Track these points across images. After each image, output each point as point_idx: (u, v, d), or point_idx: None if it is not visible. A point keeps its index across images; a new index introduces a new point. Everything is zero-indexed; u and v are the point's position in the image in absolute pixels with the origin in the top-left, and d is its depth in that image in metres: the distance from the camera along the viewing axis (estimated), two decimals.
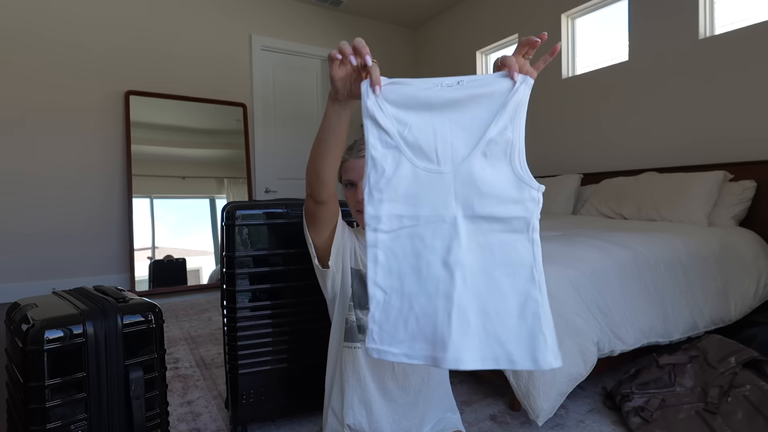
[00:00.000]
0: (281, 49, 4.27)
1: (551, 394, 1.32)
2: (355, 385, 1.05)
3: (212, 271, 3.73)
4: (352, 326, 1.06)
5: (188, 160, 3.71)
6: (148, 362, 1.05)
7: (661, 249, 1.80)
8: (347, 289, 1.07)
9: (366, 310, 1.03)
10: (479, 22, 4.24)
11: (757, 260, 2.11)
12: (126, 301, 1.04)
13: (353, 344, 1.06)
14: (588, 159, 3.32)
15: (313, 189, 0.94)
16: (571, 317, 1.41)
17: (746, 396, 1.31)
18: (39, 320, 0.93)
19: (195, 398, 1.65)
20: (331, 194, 0.96)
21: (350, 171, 1.08)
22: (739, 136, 2.50)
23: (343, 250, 1.07)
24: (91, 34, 3.40)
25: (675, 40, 2.77)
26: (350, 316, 1.07)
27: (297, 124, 4.42)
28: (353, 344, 1.06)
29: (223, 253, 1.34)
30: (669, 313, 1.70)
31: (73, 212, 3.35)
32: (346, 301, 1.07)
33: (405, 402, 1.07)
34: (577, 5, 3.33)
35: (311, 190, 0.94)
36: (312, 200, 0.96)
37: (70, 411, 0.94)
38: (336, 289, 1.08)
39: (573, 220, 2.59)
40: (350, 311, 1.07)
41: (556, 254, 1.56)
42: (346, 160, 1.10)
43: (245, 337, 1.33)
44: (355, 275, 1.08)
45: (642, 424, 1.35)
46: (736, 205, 2.31)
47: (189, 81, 3.79)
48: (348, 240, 1.09)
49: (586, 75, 3.31)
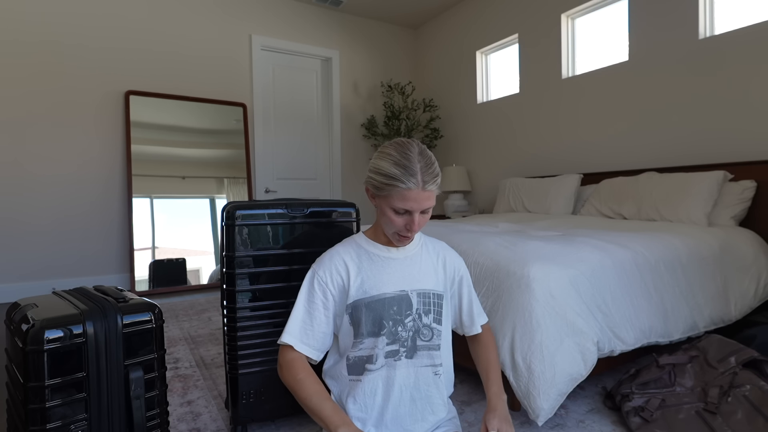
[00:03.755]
0: (281, 49, 4.27)
1: (551, 394, 1.32)
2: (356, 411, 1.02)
3: (212, 271, 3.73)
4: (355, 360, 1.02)
5: (188, 160, 3.71)
6: (148, 362, 1.05)
7: (661, 249, 1.80)
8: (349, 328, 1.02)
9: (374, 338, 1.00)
10: (479, 22, 4.25)
11: (757, 260, 2.11)
12: (126, 301, 1.04)
13: (354, 377, 1.02)
14: (588, 159, 3.32)
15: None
16: (571, 317, 1.41)
17: (746, 396, 1.31)
18: (39, 320, 0.93)
19: (195, 398, 1.65)
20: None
21: (411, 202, 0.94)
22: (739, 136, 2.50)
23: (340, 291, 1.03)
24: (91, 34, 3.40)
25: (675, 40, 2.77)
26: (353, 352, 1.02)
27: (297, 124, 4.42)
28: (354, 377, 1.02)
29: (223, 253, 1.34)
30: (669, 313, 1.70)
31: (73, 212, 3.35)
32: (351, 340, 1.02)
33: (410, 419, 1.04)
34: (577, 5, 3.33)
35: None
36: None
37: (70, 411, 0.94)
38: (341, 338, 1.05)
39: (573, 220, 2.59)
40: (354, 348, 1.02)
41: (556, 254, 1.56)
42: (409, 188, 0.93)
43: (245, 337, 1.33)
44: (356, 308, 1.02)
45: (642, 424, 1.35)
46: (736, 205, 2.31)
47: (189, 81, 3.79)
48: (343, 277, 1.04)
49: (586, 75, 3.31)
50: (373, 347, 1.01)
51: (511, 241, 1.71)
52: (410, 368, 1.02)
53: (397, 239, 1.03)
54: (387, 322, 1.01)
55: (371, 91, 4.81)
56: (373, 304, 1.01)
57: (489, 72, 4.32)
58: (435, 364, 1.04)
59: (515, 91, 3.93)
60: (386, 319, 1.01)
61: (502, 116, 4.05)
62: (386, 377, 1.01)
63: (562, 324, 1.39)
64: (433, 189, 0.96)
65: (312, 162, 4.52)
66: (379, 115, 4.81)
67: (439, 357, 1.05)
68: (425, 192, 0.94)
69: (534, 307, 1.38)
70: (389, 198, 0.96)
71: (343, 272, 1.04)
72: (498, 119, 4.09)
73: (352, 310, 1.01)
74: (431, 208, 1.00)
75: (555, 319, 1.38)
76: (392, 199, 0.95)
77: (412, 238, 1.02)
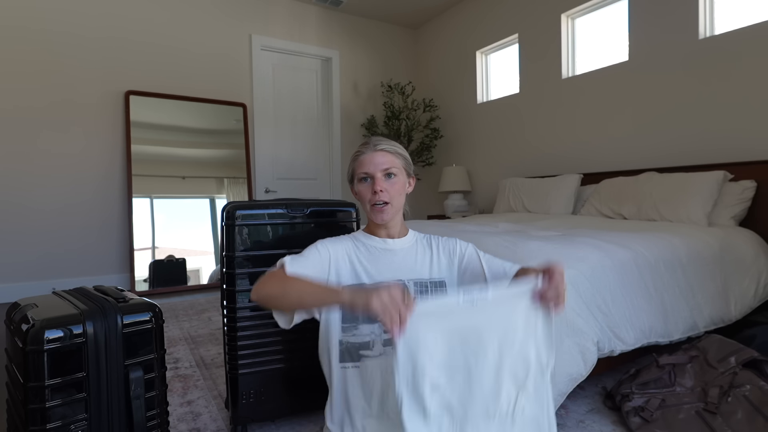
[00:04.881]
0: (281, 49, 4.27)
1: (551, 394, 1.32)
2: (353, 402, 1.02)
3: (212, 271, 3.73)
4: (348, 347, 1.03)
5: (188, 160, 3.71)
6: (148, 362, 1.05)
7: (661, 249, 1.80)
8: (338, 313, 1.03)
9: (370, 324, 1.01)
10: (479, 22, 4.24)
11: (757, 260, 2.11)
12: (126, 301, 1.04)
13: (351, 364, 1.03)
14: (588, 159, 3.32)
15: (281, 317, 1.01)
16: (571, 317, 1.41)
17: (746, 396, 1.31)
18: (39, 320, 0.93)
19: (195, 398, 1.65)
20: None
21: (367, 164, 1.08)
22: (739, 136, 2.50)
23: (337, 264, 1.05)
24: (91, 34, 3.40)
25: (675, 40, 2.77)
26: (345, 337, 1.03)
27: (297, 124, 4.42)
28: (351, 364, 1.03)
29: (223, 253, 1.34)
30: (669, 313, 1.70)
31: (73, 212, 3.35)
32: (338, 324, 1.03)
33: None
34: (577, 5, 3.33)
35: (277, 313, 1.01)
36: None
37: (70, 411, 0.94)
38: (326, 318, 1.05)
39: (573, 220, 2.59)
40: (345, 332, 1.03)
41: (556, 254, 1.56)
42: (363, 153, 1.09)
43: (245, 337, 1.33)
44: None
45: (642, 424, 1.35)
46: (736, 205, 2.31)
47: (189, 81, 3.79)
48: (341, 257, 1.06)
49: (586, 75, 3.31)
50: (370, 333, 1.02)
51: (511, 241, 1.71)
52: None
53: (375, 215, 1.09)
54: None
55: (371, 91, 4.81)
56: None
57: (489, 72, 4.32)
58: None
59: (515, 91, 3.93)
60: None
61: (502, 116, 4.05)
62: (385, 366, 1.01)
63: (562, 324, 1.39)
64: (385, 148, 1.07)
65: (312, 162, 4.52)
66: (379, 115, 4.80)
67: None
68: (377, 152, 1.07)
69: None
70: (355, 174, 1.10)
71: (343, 253, 1.08)
72: (498, 119, 4.09)
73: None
74: (396, 175, 1.07)
75: (555, 319, 1.38)
76: (356, 173, 1.10)
77: (388, 210, 1.07)
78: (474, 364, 0.83)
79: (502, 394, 0.85)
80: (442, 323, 0.82)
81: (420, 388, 0.80)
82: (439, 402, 0.82)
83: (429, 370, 0.80)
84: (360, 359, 1.02)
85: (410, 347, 0.79)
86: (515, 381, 0.87)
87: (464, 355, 0.83)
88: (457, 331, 0.82)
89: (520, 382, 0.87)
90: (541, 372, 0.89)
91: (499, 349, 0.84)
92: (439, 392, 0.82)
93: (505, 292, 0.88)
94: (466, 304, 0.82)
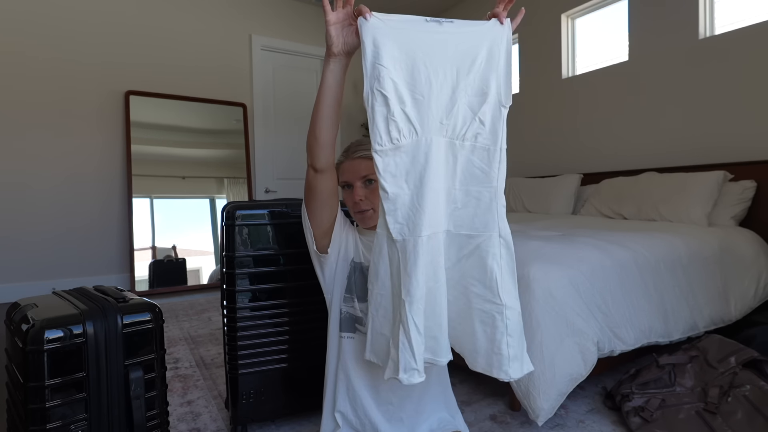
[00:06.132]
0: (281, 49, 4.27)
1: (551, 394, 1.32)
2: (346, 373, 1.08)
3: (212, 271, 3.73)
4: (347, 317, 1.09)
5: (188, 160, 3.71)
6: (148, 362, 1.05)
7: (661, 249, 1.80)
8: (344, 280, 1.09)
9: (364, 303, 1.04)
10: None
11: (757, 260, 2.11)
12: (126, 301, 1.04)
13: (348, 334, 1.09)
14: (588, 159, 3.32)
15: (313, 154, 0.97)
16: (571, 317, 1.41)
17: (746, 396, 1.31)
18: (39, 320, 0.93)
19: (195, 398, 1.65)
20: (330, 163, 1.00)
21: (346, 172, 1.11)
22: (739, 136, 2.50)
23: (346, 240, 1.10)
24: (91, 34, 3.40)
25: (675, 40, 2.77)
26: (345, 306, 1.09)
27: (297, 124, 4.41)
28: (348, 334, 1.09)
29: (223, 253, 1.34)
30: (669, 313, 1.70)
31: (73, 212, 3.35)
32: (342, 292, 1.09)
33: (398, 392, 1.07)
34: (577, 5, 3.33)
35: (311, 156, 0.98)
36: (312, 169, 0.99)
37: (70, 411, 0.94)
38: (333, 278, 1.10)
39: (573, 220, 2.59)
40: (346, 302, 1.09)
41: (556, 254, 1.56)
42: (342, 161, 1.13)
43: (245, 337, 1.33)
44: (356, 268, 1.09)
45: (642, 424, 1.35)
46: (736, 205, 2.31)
47: (189, 81, 3.79)
48: (350, 232, 1.12)
49: (586, 75, 3.31)
50: (364, 310, 1.07)
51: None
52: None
53: (360, 221, 1.14)
54: None
55: None
56: (366, 271, 1.07)
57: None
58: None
59: (515, 91, 3.93)
60: None
61: None
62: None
63: (562, 324, 1.39)
64: (363, 155, 1.09)
65: None
66: None
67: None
68: (355, 159, 1.09)
69: (534, 307, 1.38)
70: (339, 181, 1.12)
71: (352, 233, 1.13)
72: None
73: (353, 266, 1.10)
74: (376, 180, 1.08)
75: (555, 319, 1.38)
76: (339, 181, 1.12)
77: (372, 216, 1.10)
78: (434, 81, 0.89)
79: (458, 114, 0.91)
80: (409, 35, 0.88)
81: (384, 86, 0.86)
82: (402, 117, 0.88)
83: (394, 75, 0.87)
84: (355, 331, 1.08)
85: (375, 43, 0.85)
86: (470, 107, 0.92)
87: (426, 72, 0.89)
88: (421, 48, 0.89)
89: (475, 108, 0.93)
90: (499, 108, 0.94)
91: (457, 73, 0.91)
92: (403, 104, 0.88)
93: (469, 24, 0.97)
94: (433, 23, 0.90)
